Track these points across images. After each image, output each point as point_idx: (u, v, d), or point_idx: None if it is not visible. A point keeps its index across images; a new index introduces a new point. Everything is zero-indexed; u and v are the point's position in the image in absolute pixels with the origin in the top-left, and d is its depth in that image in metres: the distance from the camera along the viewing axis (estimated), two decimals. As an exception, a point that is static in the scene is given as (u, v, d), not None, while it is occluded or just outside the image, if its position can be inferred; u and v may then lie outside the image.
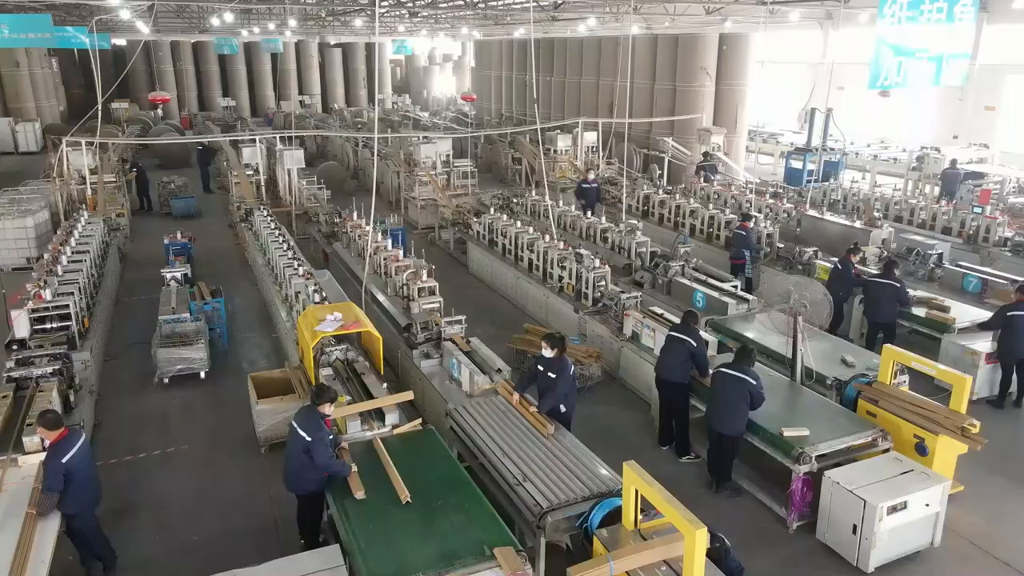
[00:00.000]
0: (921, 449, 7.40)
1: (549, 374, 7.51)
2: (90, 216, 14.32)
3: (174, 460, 8.52)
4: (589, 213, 15.44)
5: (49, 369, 8.07)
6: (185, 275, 12.42)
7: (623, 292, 10.56)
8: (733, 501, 7.69)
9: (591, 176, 18.39)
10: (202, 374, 10.21)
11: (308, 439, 6.09)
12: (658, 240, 14.52)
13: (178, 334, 10.32)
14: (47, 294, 9.40)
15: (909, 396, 7.79)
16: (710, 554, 5.63)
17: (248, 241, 15.12)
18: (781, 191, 19.15)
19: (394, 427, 7.25)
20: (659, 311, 10.10)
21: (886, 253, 13.14)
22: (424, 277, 10.21)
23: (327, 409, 6.32)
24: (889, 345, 8.21)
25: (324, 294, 9.67)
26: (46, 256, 11.42)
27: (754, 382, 7.27)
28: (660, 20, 22.94)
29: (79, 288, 10.15)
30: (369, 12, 20.44)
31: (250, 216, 15.68)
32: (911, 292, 10.88)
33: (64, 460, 5.99)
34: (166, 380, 10.07)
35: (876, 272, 11.24)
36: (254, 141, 18.79)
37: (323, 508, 6.58)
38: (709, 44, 23.93)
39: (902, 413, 7.59)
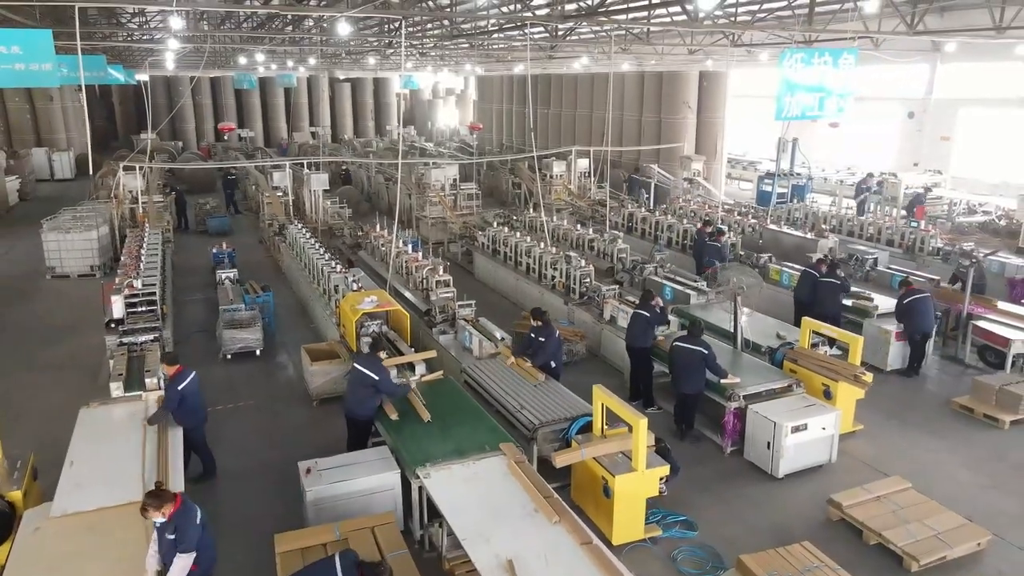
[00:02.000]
0: (827, 394, 9.64)
1: (540, 339, 9.76)
2: (151, 230, 16.62)
3: (243, 411, 10.71)
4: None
5: (150, 337, 10.31)
6: (236, 276, 14.73)
7: (604, 286, 12.82)
8: (694, 444, 9.82)
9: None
10: (257, 352, 12.45)
11: (376, 377, 8.28)
12: (640, 249, 16.85)
13: (236, 320, 12.58)
14: (138, 284, 11.66)
15: (819, 355, 10.03)
16: (658, 450, 7.88)
17: (283, 252, 17.42)
18: (752, 210, 21.54)
19: (422, 376, 9.48)
20: (632, 299, 12.37)
21: (831, 259, 15.44)
22: (440, 272, 12.47)
23: (382, 355, 8.54)
24: (806, 318, 10.47)
25: (361, 284, 11.94)
26: (124, 257, 13.72)
27: (706, 351, 9.39)
28: (648, 58, 25.54)
29: (158, 281, 12.42)
30: (384, 51, 22.99)
31: (283, 231, 18.01)
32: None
33: (180, 388, 8.20)
34: (228, 356, 12.30)
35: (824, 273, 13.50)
36: (284, 167, 21.19)
37: (368, 437, 8.76)
38: (690, 80, 26.50)
39: (813, 367, 9.84)
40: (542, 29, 20.18)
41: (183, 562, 5.74)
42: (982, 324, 11.98)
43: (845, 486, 8.30)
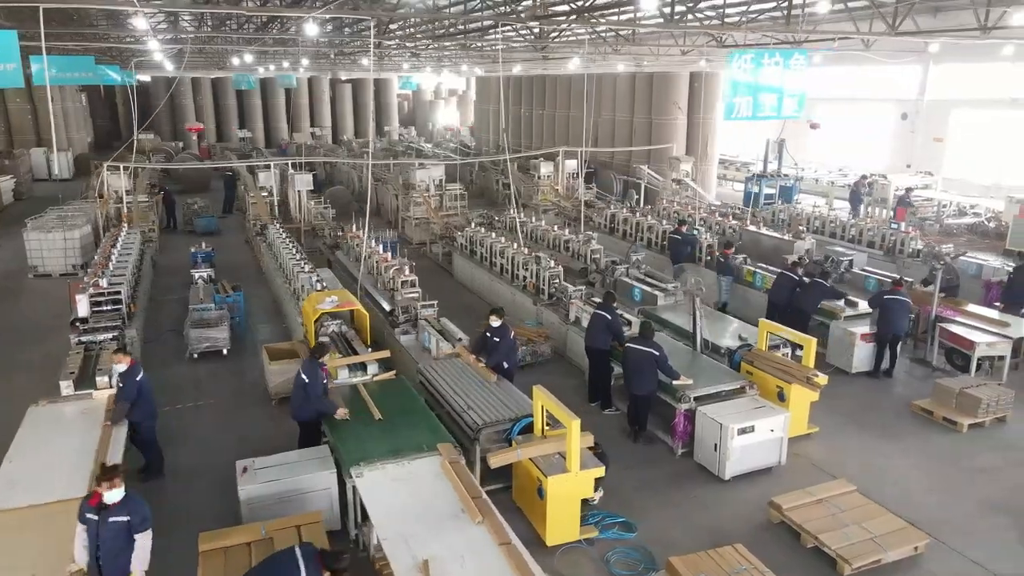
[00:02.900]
0: (781, 396, 9.59)
1: (495, 338, 9.76)
2: (128, 229, 16.72)
3: (202, 410, 10.76)
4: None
5: (109, 336, 10.38)
6: (210, 275, 14.80)
7: (571, 287, 12.80)
8: (647, 446, 9.79)
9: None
10: (224, 351, 12.50)
11: (307, 380, 8.33)
12: (620, 250, 16.82)
13: (205, 319, 12.64)
14: (103, 283, 11.74)
15: (774, 357, 9.99)
16: (595, 453, 7.88)
17: (263, 251, 17.50)
18: (738, 211, 21.47)
19: (374, 376, 9.50)
20: (598, 301, 12.34)
21: (808, 260, 15.39)
22: (406, 272, 12.50)
23: (325, 359, 8.56)
24: (763, 319, 10.43)
25: (325, 284, 11.99)
26: (97, 257, 13.82)
27: (657, 352, 9.37)
28: (640, 58, 25.39)
29: (127, 281, 12.50)
30: (376, 52, 23.00)
31: (264, 231, 18.08)
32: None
33: (138, 378, 8.29)
34: (195, 355, 12.36)
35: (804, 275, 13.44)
36: (269, 167, 21.29)
37: (319, 438, 8.78)
38: (681, 81, 26.42)
39: (769, 369, 9.80)
40: (529, 31, 20.18)
41: (144, 541, 5.90)
42: (949, 327, 11.89)
43: (791, 489, 8.25)
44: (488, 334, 9.85)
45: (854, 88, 29.44)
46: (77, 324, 11.27)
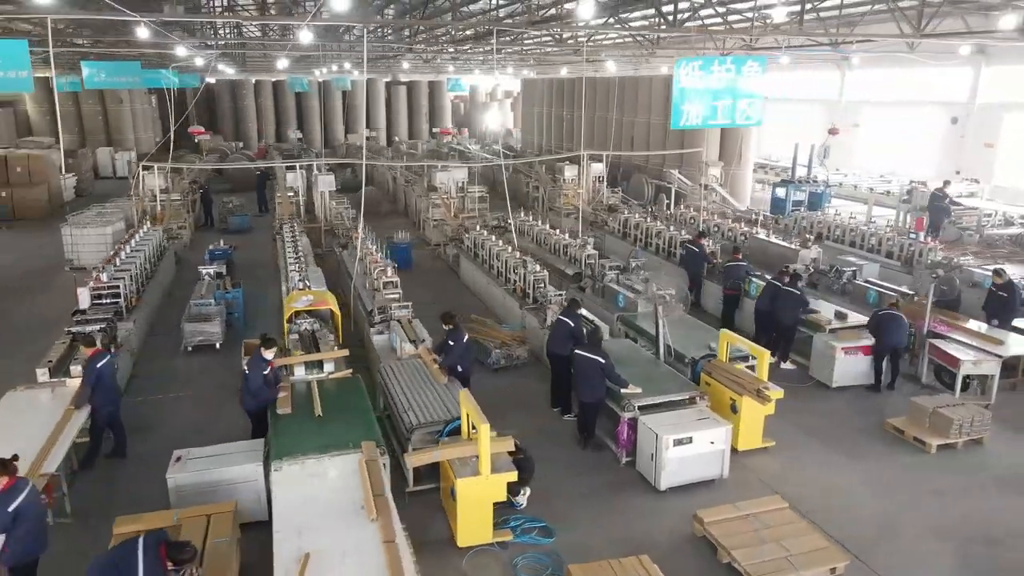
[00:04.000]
0: (733, 408, 9.44)
1: (449, 342, 9.93)
2: (151, 226, 17.59)
3: (184, 400, 11.29)
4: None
5: (96, 327, 11.00)
6: (219, 272, 15.44)
7: (552, 291, 12.84)
8: (596, 453, 9.76)
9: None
10: (217, 345, 13.06)
11: (247, 371, 8.69)
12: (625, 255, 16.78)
13: (203, 314, 13.23)
14: (104, 277, 12.45)
15: (731, 368, 9.82)
16: (517, 461, 7.97)
17: (280, 249, 18.12)
18: (754, 216, 21.01)
19: (329, 374, 9.80)
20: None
21: (812, 270, 14.98)
22: (388, 274, 12.79)
23: (267, 353, 8.90)
24: (724, 330, 10.25)
25: (308, 283, 12.39)
26: (111, 252, 14.62)
27: (603, 360, 9.35)
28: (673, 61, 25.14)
29: (130, 276, 13.20)
30: (414, 55, 23.51)
31: (283, 229, 18.71)
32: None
33: (98, 366, 8.82)
34: (189, 348, 12.96)
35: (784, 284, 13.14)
36: (294, 168, 22.01)
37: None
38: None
39: (724, 381, 9.65)
40: (550, 35, 20.25)
41: None
42: (938, 343, 11.41)
43: (727, 502, 8.13)
44: (445, 337, 10.03)
45: (903, 91, 28.31)
46: (76, 315, 11.98)
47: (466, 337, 9.99)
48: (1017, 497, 8.63)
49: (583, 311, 10.70)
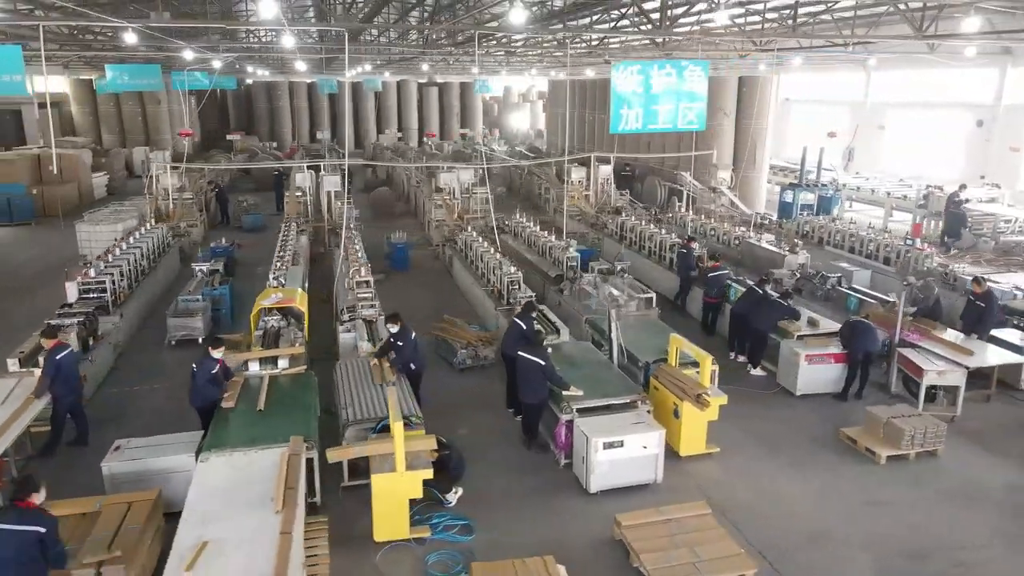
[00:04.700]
0: (676, 413, 9.41)
1: (398, 343, 10.09)
2: (155, 224, 18.19)
3: (159, 392, 11.71)
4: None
5: (74, 321, 11.49)
6: (214, 270, 15.91)
7: (522, 293, 12.93)
8: (539, 454, 9.82)
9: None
10: (200, 339, 13.48)
11: (194, 368, 9.01)
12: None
13: (188, 309, 13.69)
14: (92, 272, 12.97)
15: (676, 373, 9.78)
16: (442, 459, 8.13)
17: (280, 248, 18.58)
18: (767, 223, 20.75)
19: (283, 370, 10.08)
20: (545, 308, 12.44)
21: (798, 276, 14.77)
22: (362, 273, 13.04)
23: (215, 353, 9.21)
24: (674, 335, 10.20)
25: (283, 281, 12.73)
26: (107, 248, 15.22)
27: (543, 363, 9.40)
28: (717, 62, 24.76)
29: (119, 271, 13.71)
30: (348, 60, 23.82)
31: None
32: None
33: (57, 357, 9.25)
34: (173, 342, 13.41)
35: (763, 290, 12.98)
36: (303, 168, 22.50)
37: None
38: (728, 86, 25.66)
39: (668, 385, 9.62)
40: (551, 36, 20.32)
41: None
42: (906, 352, 11.16)
43: (655, 507, 8.13)
44: (391, 338, 10.18)
45: (928, 92, 27.55)
46: (63, 308, 12.52)
47: (413, 335, 10.14)
48: (956, 511, 8.43)
49: (548, 312, 10.74)
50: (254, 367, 10.05)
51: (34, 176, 27.14)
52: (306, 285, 14.46)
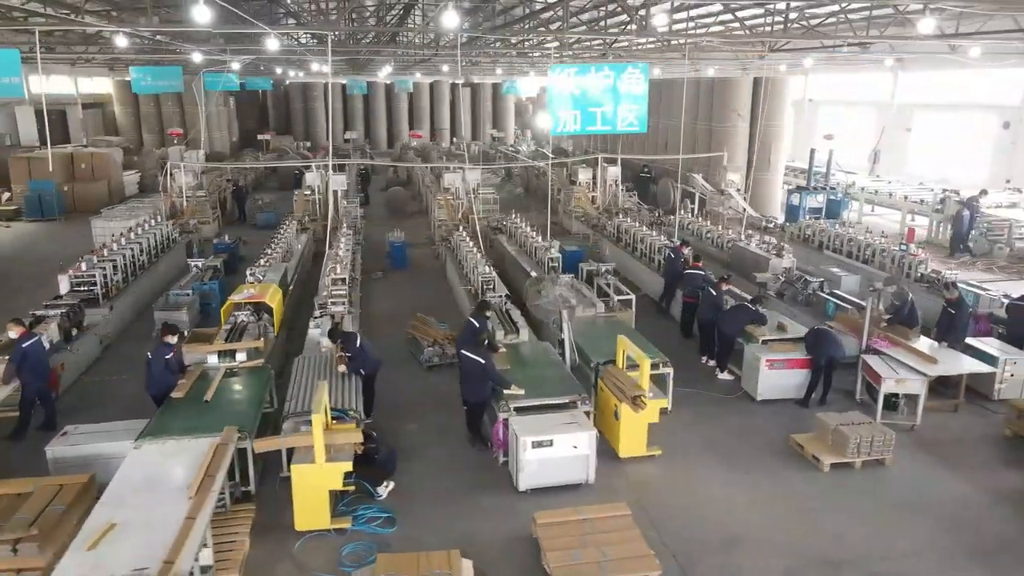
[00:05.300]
0: (615, 414, 9.43)
1: (348, 355, 10.28)
2: (161, 221, 18.84)
3: (132, 381, 12.15)
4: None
5: (56, 312, 12.03)
6: (213, 265, 16.44)
7: (494, 293, 13.06)
8: (482, 452, 9.92)
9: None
10: (185, 332, 13.88)
11: (148, 357, 9.39)
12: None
13: (176, 303, 14.18)
14: (83, 266, 13.55)
15: (620, 375, 9.79)
16: (368, 452, 8.33)
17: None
18: (771, 226, 20.47)
19: (240, 363, 10.40)
20: (511, 308, 12.55)
21: (781, 279, 14.56)
22: (336, 271, 13.33)
23: (168, 339, 9.57)
24: (622, 336, 10.19)
25: (260, 277, 13.10)
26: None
27: (483, 361, 9.52)
28: (742, 61, 24.49)
29: (113, 266, 14.28)
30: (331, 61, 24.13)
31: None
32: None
33: (23, 346, 9.73)
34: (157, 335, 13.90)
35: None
36: (311, 168, 23.02)
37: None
38: (742, 87, 25.32)
39: (609, 387, 9.65)
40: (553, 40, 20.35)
41: None
42: (869, 359, 10.95)
43: (576, 507, 8.18)
44: (341, 351, 10.35)
45: (955, 94, 26.75)
46: (54, 299, 13.11)
47: (359, 342, 10.31)
48: (889, 522, 8.27)
49: (513, 311, 10.85)
50: (212, 360, 10.40)
51: (67, 174, 28.31)
52: (290, 281, 14.85)
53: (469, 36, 17.23)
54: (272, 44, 13.64)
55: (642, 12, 14.49)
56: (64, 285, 13.33)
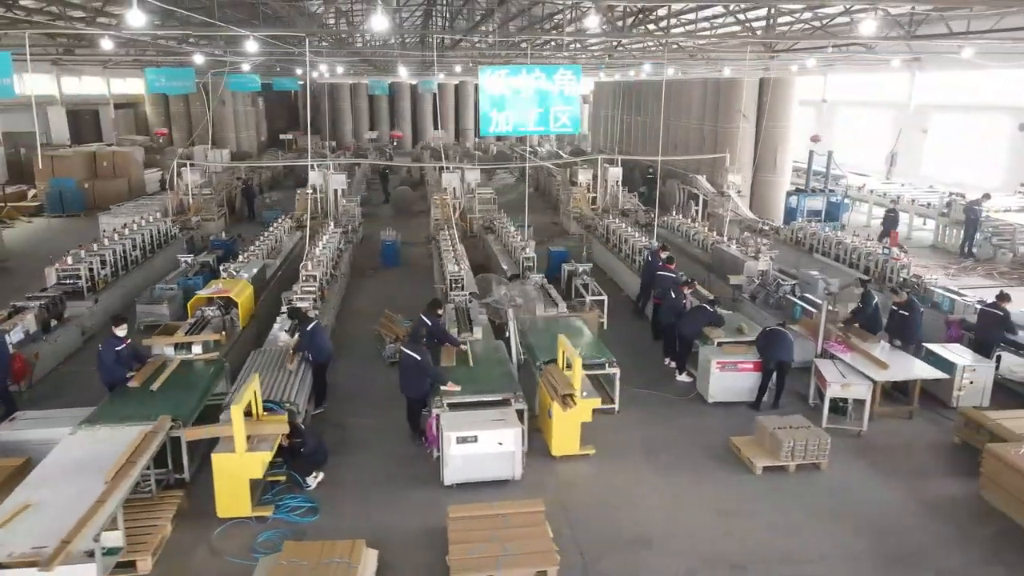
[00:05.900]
0: (549, 413, 9.52)
1: (297, 335, 10.59)
2: (160, 217, 19.42)
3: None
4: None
5: (36, 304, 12.54)
6: (205, 262, 16.92)
7: (458, 293, 13.23)
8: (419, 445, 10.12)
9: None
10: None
11: (100, 348, 9.77)
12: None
13: (160, 297, 14.65)
14: (69, 260, 14.09)
15: (556, 374, 9.87)
16: (293, 445, 8.58)
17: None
18: (766, 228, 20.25)
19: (196, 355, 10.76)
20: (474, 306, 12.70)
21: (756, 282, 14.45)
22: (309, 268, 13.64)
23: (118, 331, 9.93)
24: (562, 336, 10.25)
25: (233, 273, 13.48)
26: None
27: (419, 357, 9.70)
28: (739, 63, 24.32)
29: (100, 260, 14.81)
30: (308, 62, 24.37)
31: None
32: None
33: None
34: (142, 327, 14.36)
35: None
36: (312, 168, 23.45)
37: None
38: (745, 86, 25.04)
39: (544, 385, 9.74)
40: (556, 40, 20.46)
41: None
42: (820, 362, 10.84)
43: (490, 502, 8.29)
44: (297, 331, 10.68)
45: (971, 95, 26.08)
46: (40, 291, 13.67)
47: (311, 325, 10.59)
48: (807, 526, 8.21)
49: (472, 310, 11.01)
50: (169, 351, 10.77)
51: (89, 171, 29.30)
52: (271, 278, 15.23)
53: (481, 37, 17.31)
54: (251, 46, 14.06)
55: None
56: (51, 278, 13.87)
